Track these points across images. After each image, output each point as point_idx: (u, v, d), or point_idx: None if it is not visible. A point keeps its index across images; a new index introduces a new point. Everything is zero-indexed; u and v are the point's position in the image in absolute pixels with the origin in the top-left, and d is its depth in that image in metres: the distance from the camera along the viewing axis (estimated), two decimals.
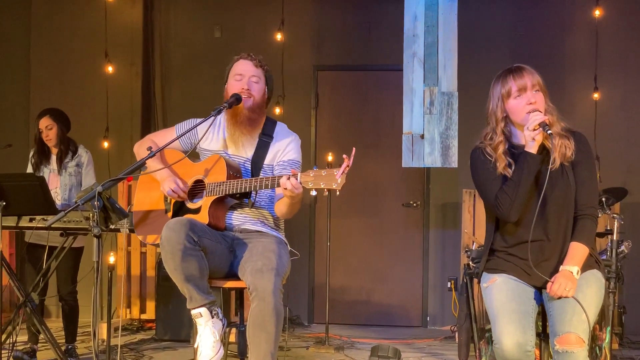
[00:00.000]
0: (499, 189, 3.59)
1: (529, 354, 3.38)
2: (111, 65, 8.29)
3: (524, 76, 3.61)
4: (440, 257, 8.18)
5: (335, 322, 7.74)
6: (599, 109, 7.69)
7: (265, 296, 3.62)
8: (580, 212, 3.61)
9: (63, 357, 5.40)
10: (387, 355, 5.50)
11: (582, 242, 3.56)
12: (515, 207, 3.55)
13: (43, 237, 5.58)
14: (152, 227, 4.12)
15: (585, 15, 7.95)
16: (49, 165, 6.04)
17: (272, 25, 8.21)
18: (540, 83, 3.62)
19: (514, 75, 3.64)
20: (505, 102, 3.65)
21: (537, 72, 3.66)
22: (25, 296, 5.34)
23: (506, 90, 3.64)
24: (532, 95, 3.59)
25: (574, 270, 3.48)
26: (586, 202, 3.61)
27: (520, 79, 3.61)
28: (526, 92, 3.59)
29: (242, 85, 4.05)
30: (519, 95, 3.61)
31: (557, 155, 3.57)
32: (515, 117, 3.64)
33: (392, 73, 7.89)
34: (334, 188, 3.51)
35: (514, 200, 3.54)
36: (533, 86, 3.60)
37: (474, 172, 3.75)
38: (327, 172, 3.53)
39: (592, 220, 3.63)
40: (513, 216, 3.58)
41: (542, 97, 3.62)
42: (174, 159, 4.06)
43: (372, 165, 8.24)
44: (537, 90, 3.60)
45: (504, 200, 3.56)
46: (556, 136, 3.57)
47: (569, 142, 3.61)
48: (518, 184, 3.54)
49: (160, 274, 7.03)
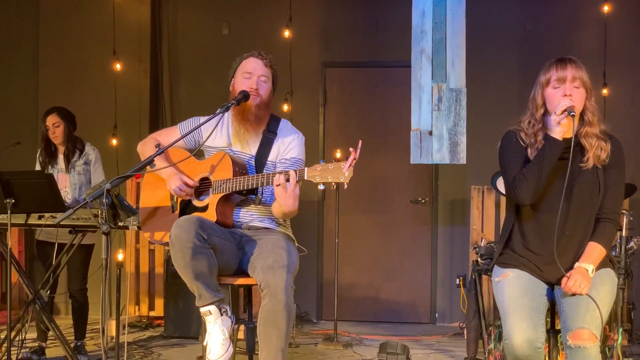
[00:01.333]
0: (518, 172, 3.60)
1: (539, 350, 3.37)
2: (119, 63, 8.30)
3: (567, 68, 3.60)
4: (448, 253, 8.17)
5: (344, 318, 7.75)
6: (608, 105, 7.65)
7: (277, 293, 3.62)
8: (604, 216, 3.62)
9: (72, 354, 5.41)
10: (395, 351, 5.50)
11: (601, 244, 3.57)
12: (530, 190, 3.55)
13: (52, 235, 5.59)
14: (158, 226, 4.12)
15: (593, 11, 7.92)
16: (56, 165, 6.05)
17: (280, 22, 8.20)
18: (582, 79, 3.60)
19: (557, 65, 3.63)
20: (544, 90, 3.65)
21: (584, 67, 3.64)
22: (34, 293, 5.35)
23: (547, 78, 3.65)
24: (570, 87, 3.58)
25: (589, 268, 3.48)
26: (611, 207, 3.63)
27: (562, 70, 3.60)
28: (565, 84, 3.58)
29: (251, 84, 4.04)
30: (557, 85, 3.60)
31: (591, 154, 3.57)
32: (550, 105, 3.64)
33: (400, 69, 7.88)
34: (341, 181, 3.50)
35: (530, 182, 3.54)
36: (573, 79, 3.59)
37: (501, 151, 3.75)
38: (334, 165, 3.52)
39: (614, 224, 3.65)
40: (527, 199, 3.58)
41: (582, 93, 3.60)
42: (178, 158, 4.06)
43: (380, 162, 8.24)
44: (576, 86, 3.59)
45: (520, 182, 3.57)
46: (593, 136, 3.59)
47: (606, 145, 3.60)
48: (536, 167, 3.54)
49: (169, 271, 7.04)
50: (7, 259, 5.09)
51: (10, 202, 4.83)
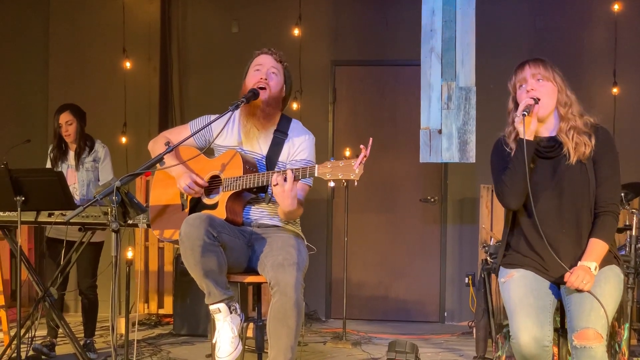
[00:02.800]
0: (500, 178, 3.64)
1: (546, 349, 3.37)
2: (129, 61, 8.32)
3: (525, 68, 3.68)
4: (457, 252, 8.16)
5: (353, 317, 7.76)
6: (618, 103, 7.64)
7: (287, 291, 3.62)
8: (601, 209, 3.60)
9: (82, 351, 5.43)
10: (404, 350, 5.50)
11: (602, 239, 3.55)
12: (512, 194, 3.60)
13: (62, 232, 5.61)
14: (168, 224, 4.13)
15: (604, 9, 7.90)
16: (66, 162, 6.08)
17: (289, 21, 8.21)
18: (542, 72, 3.65)
19: (517, 69, 3.73)
20: (516, 94, 3.72)
21: (548, 63, 3.69)
22: (44, 291, 5.37)
23: (512, 83, 3.75)
24: (532, 83, 3.64)
25: (592, 265, 3.47)
26: (607, 199, 3.60)
27: (521, 71, 3.70)
28: (527, 82, 3.65)
29: (261, 75, 4.05)
30: (521, 85, 3.68)
31: (572, 149, 3.59)
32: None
33: (410, 68, 7.88)
34: (352, 178, 3.50)
35: (509, 186, 3.60)
36: (533, 75, 3.65)
37: (491, 160, 3.81)
38: (344, 162, 3.52)
39: (613, 216, 3.61)
40: (512, 203, 3.63)
41: (548, 85, 3.64)
42: (189, 156, 4.07)
43: (389, 161, 8.24)
44: (539, 79, 3.63)
45: (502, 187, 3.63)
46: (570, 129, 3.61)
47: (589, 139, 3.60)
48: (510, 170, 3.60)
49: (178, 269, 7.05)
50: (17, 256, 5.10)
51: (20, 199, 4.84)
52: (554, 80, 3.65)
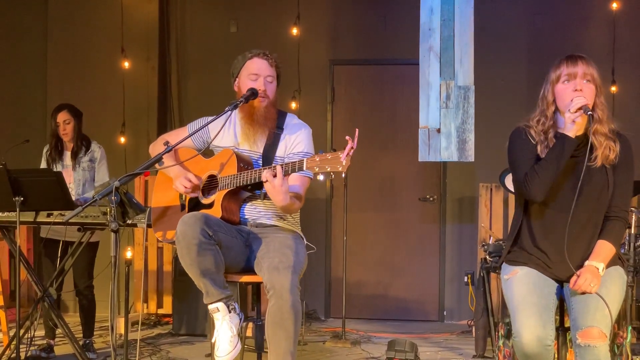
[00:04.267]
0: (529, 168, 3.58)
1: (548, 348, 3.36)
2: (127, 61, 8.31)
3: (577, 64, 3.58)
4: (457, 251, 8.16)
5: (352, 316, 7.75)
6: (617, 102, 7.63)
7: (282, 294, 3.62)
8: (613, 214, 3.60)
9: (81, 351, 5.42)
10: (403, 349, 5.49)
11: (610, 241, 3.55)
12: (542, 186, 3.53)
13: (60, 233, 5.60)
14: (169, 225, 4.13)
15: (602, 8, 7.90)
16: (62, 161, 6.07)
17: (288, 20, 8.20)
18: (593, 75, 3.58)
19: (567, 61, 3.62)
20: (554, 86, 3.64)
21: (594, 65, 3.63)
22: (43, 291, 5.36)
23: (557, 75, 3.63)
24: (580, 83, 3.56)
25: (599, 266, 3.47)
26: (619, 205, 3.61)
27: (573, 66, 3.59)
28: (575, 79, 3.57)
29: (259, 86, 4.04)
30: (567, 80, 3.59)
31: (600, 153, 3.56)
32: (560, 102, 3.62)
33: (408, 67, 7.87)
34: (339, 170, 3.48)
35: (542, 179, 3.52)
36: (584, 75, 3.57)
37: (511, 148, 3.73)
38: (332, 155, 3.51)
39: (623, 222, 3.63)
40: (538, 196, 3.55)
41: (593, 89, 3.58)
42: (186, 157, 4.07)
43: (388, 160, 8.24)
44: (587, 80, 3.57)
45: (532, 178, 3.54)
46: (602, 134, 3.57)
47: (614, 145, 3.59)
48: (549, 164, 3.52)
49: (177, 268, 7.05)
50: (16, 256, 5.10)
51: (19, 199, 4.84)
52: (597, 83, 3.62)
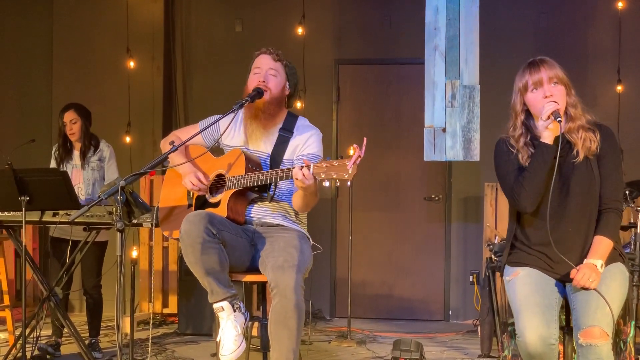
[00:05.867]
0: (514, 180, 3.59)
1: (552, 347, 3.36)
2: (133, 60, 8.32)
3: (540, 70, 3.59)
4: (462, 250, 8.16)
5: (357, 316, 7.76)
6: (622, 101, 7.63)
7: (286, 293, 3.62)
8: (605, 206, 3.59)
9: (87, 350, 5.43)
10: (409, 349, 5.49)
11: (607, 236, 3.54)
12: (530, 197, 3.55)
13: (67, 232, 5.61)
14: (176, 223, 4.12)
15: (608, 7, 7.89)
16: (71, 161, 6.08)
17: (293, 19, 8.21)
18: (559, 76, 3.59)
19: (530, 69, 3.63)
20: (524, 95, 3.65)
21: (557, 64, 3.63)
22: (49, 290, 5.37)
23: (523, 84, 3.64)
24: (548, 88, 3.56)
25: (598, 263, 3.47)
26: (611, 196, 3.59)
27: (536, 73, 3.59)
28: (542, 86, 3.57)
29: (259, 77, 4.05)
30: (535, 88, 3.59)
31: (580, 147, 3.56)
32: (533, 110, 3.64)
33: (414, 66, 7.86)
34: (345, 178, 3.48)
35: (529, 191, 3.54)
36: (550, 79, 3.58)
37: (495, 163, 3.76)
38: (339, 162, 3.51)
39: (617, 214, 3.61)
40: (528, 207, 3.58)
41: (562, 89, 3.59)
42: (197, 155, 4.08)
43: (393, 159, 8.24)
44: (555, 82, 3.57)
45: (519, 191, 3.57)
46: (578, 129, 3.57)
47: (594, 135, 3.59)
48: (531, 175, 3.54)
49: (183, 268, 7.05)
50: (22, 256, 5.11)
51: (25, 199, 4.84)
52: (565, 82, 3.62)
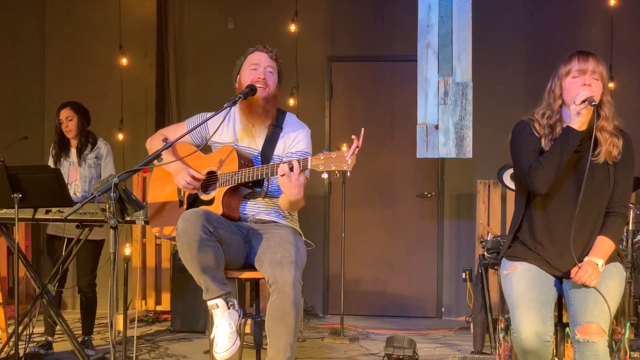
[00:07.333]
0: (534, 160, 3.58)
1: (547, 343, 3.37)
2: (125, 58, 8.32)
3: (589, 60, 3.59)
4: (455, 247, 8.17)
5: (350, 313, 7.77)
6: (614, 98, 7.52)
7: (285, 289, 3.63)
8: (612, 210, 3.62)
9: (80, 348, 5.42)
10: (402, 345, 5.50)
11: (610, 238, 3.57)
12: (546, 178, 3.53)
13: (61, 229, 5.60)
14: (166, 220, 4.13)
15: (600, 4, 7.90)
16: (68, 159, 6.08)
17: (285, 17, 8.20)
18: (602, 74, 3.60)
19: (579, 57, 3.63)
20: (563, 81, 3.64)
21: (604, 65, 3.64)
22: (41, 288, 5.37)
23: (567, 69, 3.63)
24: (589, 78, 3.57)
25: (599, 262, 3.49)
26: (619, 201, 3.63)
27: (584, 62, 3.59)
28: (585, 75, 3.57)
29: (259, 74, 4.05)
30: (577, 75, 3.59)
31: (604, 149, 3.57)
32: (567, 95, 3.62)
33: (406, 64, 7.86)
34: (344, 169, 3.51)
35: (547, 172, 3.52)
36: (593, 72, 3.58)
37: (514, 140, 3.73)
38: (337, 153, 3.54)
39: (623, 218, 3.65)
40: (543, 188, 3.56)
41: (600, 86, 3.59)
42: (186, 153, 4.07)
43: (386, 156, 8.24)
44: (596, 78, 3.58)
45: (537, 170, 3.54)
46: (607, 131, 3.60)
47: (618, 142, 3.61)
48: (554, 157, 3.52)
49: (176, 265, 7.05)
50: (15, 253, 5.10)
51: (18, 196, 4.83)
52: (605, 82, 3.63)
